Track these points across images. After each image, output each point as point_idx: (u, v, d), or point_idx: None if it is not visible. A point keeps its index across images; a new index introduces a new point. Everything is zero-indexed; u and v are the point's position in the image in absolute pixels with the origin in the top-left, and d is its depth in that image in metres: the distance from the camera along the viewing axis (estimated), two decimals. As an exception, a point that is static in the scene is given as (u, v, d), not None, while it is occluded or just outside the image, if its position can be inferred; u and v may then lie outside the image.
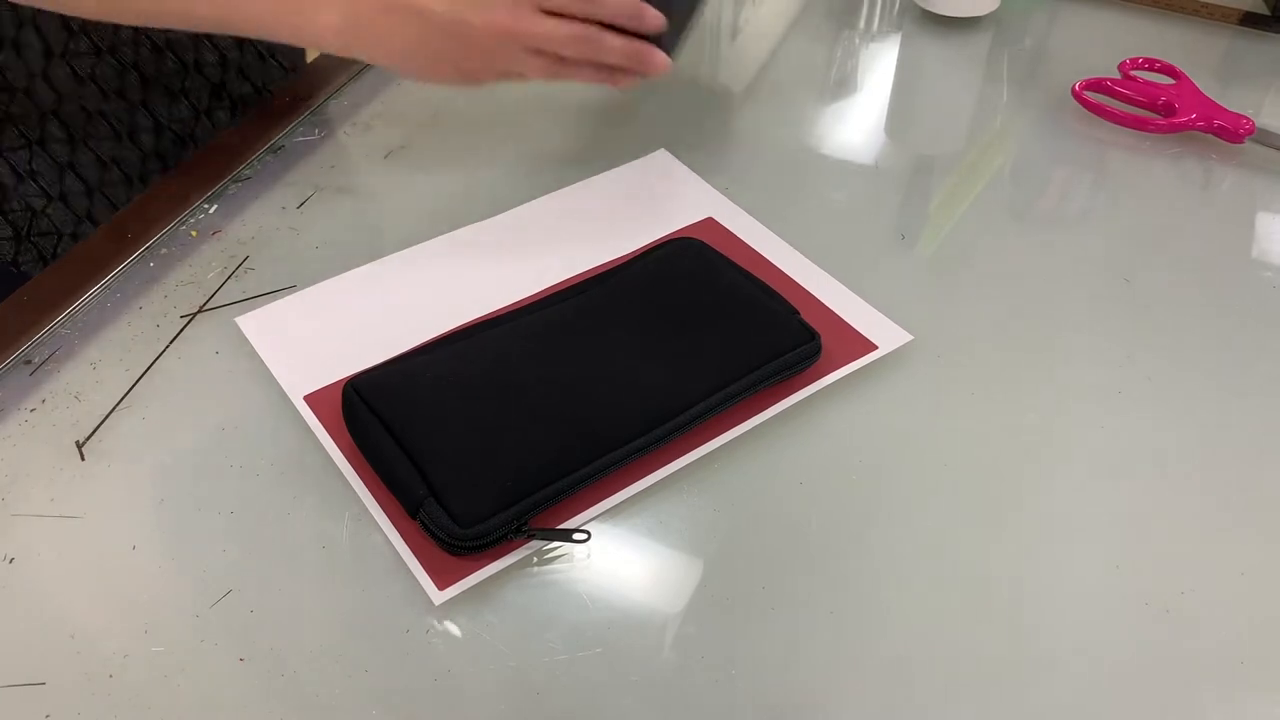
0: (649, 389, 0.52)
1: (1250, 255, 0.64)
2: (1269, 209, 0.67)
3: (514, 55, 0.58)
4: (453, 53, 0.58)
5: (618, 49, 0.59)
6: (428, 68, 0.59)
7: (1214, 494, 0.51)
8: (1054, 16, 0.86)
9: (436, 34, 0.57)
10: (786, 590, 0.47)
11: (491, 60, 0.58)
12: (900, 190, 0.69)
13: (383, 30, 0.57)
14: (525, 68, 0.59)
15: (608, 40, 0.59)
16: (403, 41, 0.57)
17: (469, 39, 0.57)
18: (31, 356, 0.57)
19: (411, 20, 0.56)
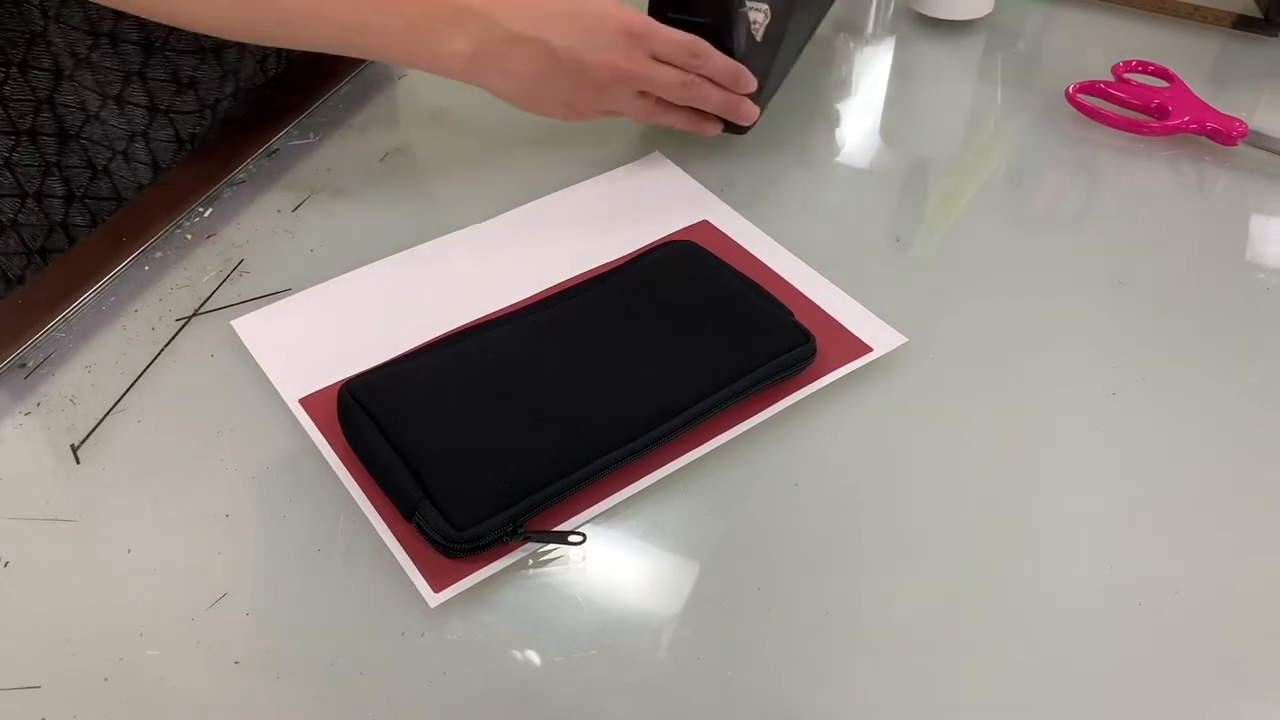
0: (644, 391, 0.52)
1: (1244, 257, 0.64)
2: (1262, 211, 0.67)
3: (622, 95, 0.63)
4: (567, 88, 0.62)
5: (716, 100, 0.64)
6: (543, 101, 0.63)
7: (1209, 495, 0.51)
8: (1048, 19, 0.86)
9: (556, 69, 0.60)
10: (782, 592, 0.47)
11: (600, 98, 0.63)
12: (895, 193, 0.69)
13: (508, 62, 0.60)
14: (628, 107, 0.64)
15: (709, 91, 0.64)
16: (525, 74, 0.61)
17: (585, 76, 0.61)
18: (26, 360, 0.57)
19: (536, 54, 0.60)
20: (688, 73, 0.63)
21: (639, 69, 0.62)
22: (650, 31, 0.62)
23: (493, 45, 0.59)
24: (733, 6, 0.65)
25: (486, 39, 0.59)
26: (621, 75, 0.61)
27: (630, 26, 0.61)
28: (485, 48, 0.59)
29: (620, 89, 0.62)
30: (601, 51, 0.61)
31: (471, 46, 0.59)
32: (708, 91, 0.64)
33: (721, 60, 0.64)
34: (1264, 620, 0.46)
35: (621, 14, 0.61)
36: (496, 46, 0.59)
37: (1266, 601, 0.47)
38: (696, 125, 0.67)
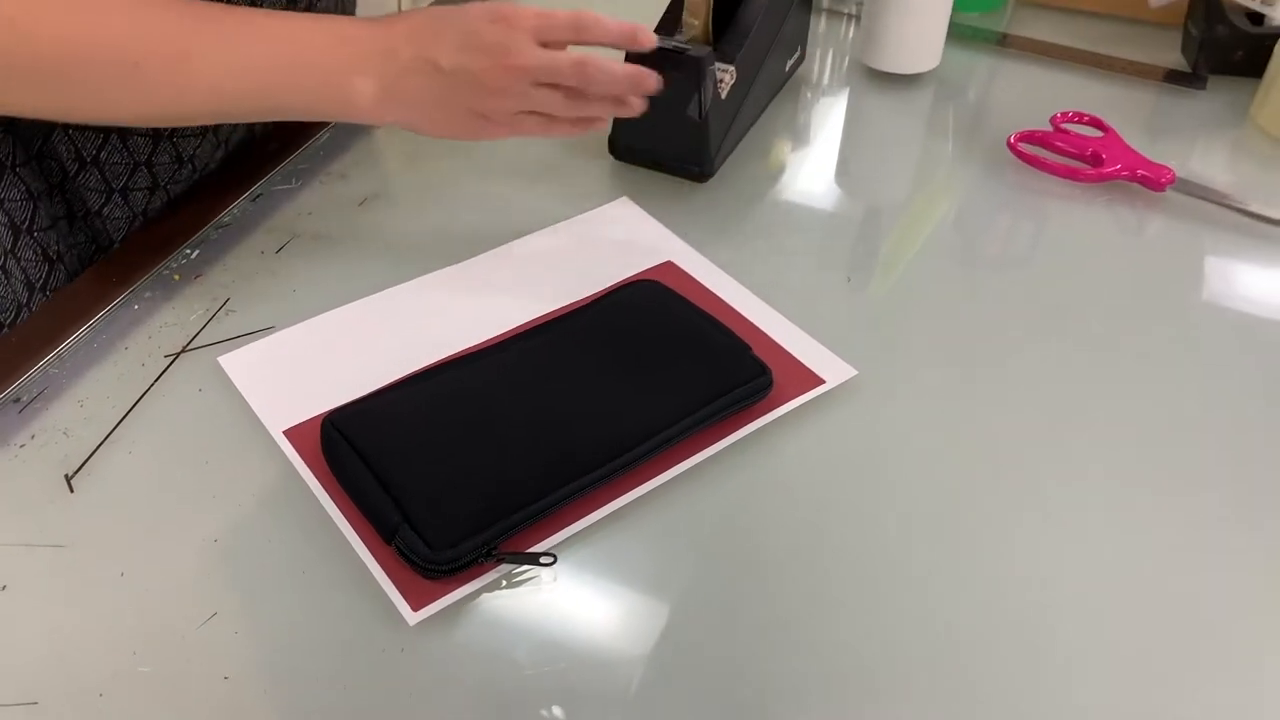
0: (611, 421, 0.55)
1: (1174, 295, 0.68)
2: (1190, 252, 0.72)
3: (522, 91, 0.61)
4: (467, 100, 0.61)
5: (618, 72, 0.62)
6: (450, 120, 0.62)
7: (1146, 515, 0.55)
8: (991, 73, 0.91)
9: (449, 85, 0.60)
10: (744, 607, 0.50)
11: (503, 99, 0.61)
12: (850, 236, 0.74)
13: (408, 91, 0.61)
14: (535, 102, 0.62)
15: (609, 67, 0.62)
16: (424, 97, 0.61)
17: (478, 83, 0.60)
18: (20, 395, 0.59)
19: (428, 76, 0.60)
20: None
21: (527, 59, 0.60)
22: (524, 13, 0.61)
23: (392, 79, 0.60)
24: (703, 67, 0.69)
25: (386, 74, 0.60)
26: (512, 70, 0.60)
27: (502, 14, 0.61)
28: (386, 83, 0.60)
29: (517, 84, 0.61)
30: (485, 54, 0.60)
31: (375, 86, 0.60)
32: (610, 65, 0.62)
33: (612, 24, 0.62)
34: (1209, 645, 0.50)
35: (492, 8, 0.61)
36: (395, 79, 0.60)
37: (1218, 628, 0.50)
38: (613, 107, 0.65)
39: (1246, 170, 0.79)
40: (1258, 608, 0.50)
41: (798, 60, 0.88)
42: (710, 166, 0.75)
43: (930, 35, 0.86)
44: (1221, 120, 0.85)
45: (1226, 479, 0.56)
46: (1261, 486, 0.56)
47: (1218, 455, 0.58)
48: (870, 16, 0.86)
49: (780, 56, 0.83)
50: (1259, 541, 0.53)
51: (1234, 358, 0.64)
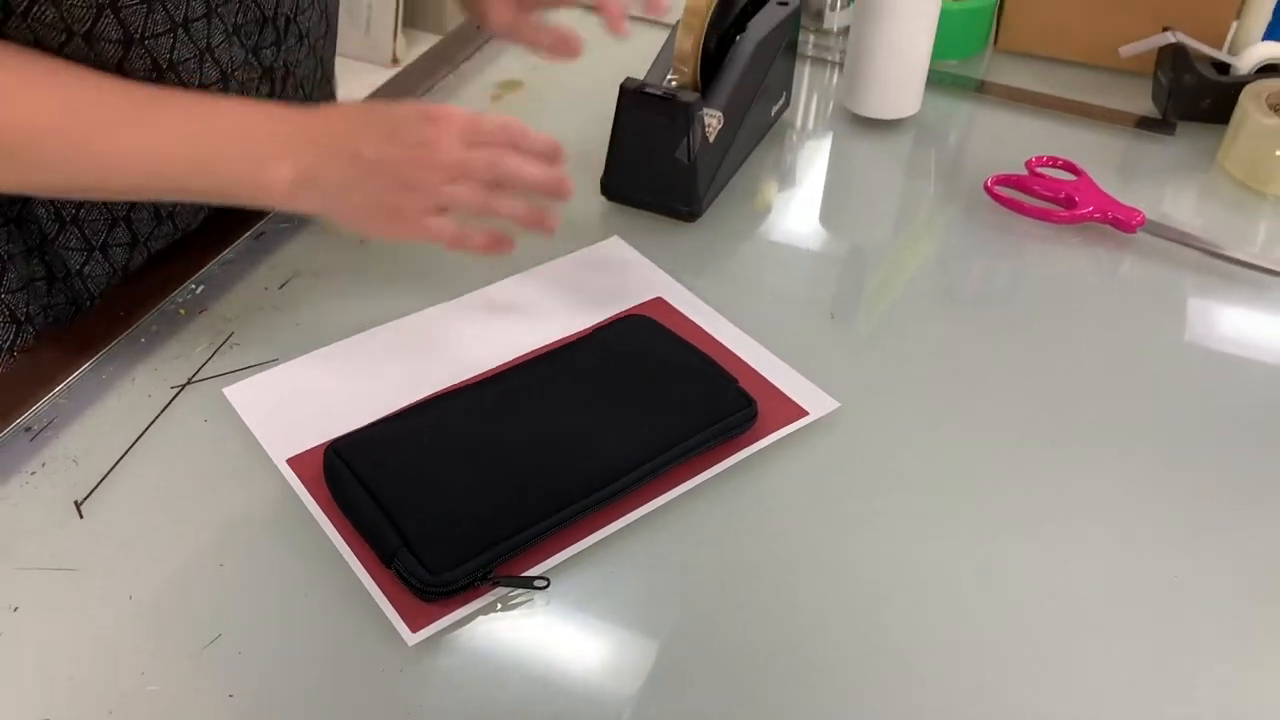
0: (603, 449, 0.57)
1: (1145, 331, 0.71)
2: (1160, 292, 0.75)
3: (437, 186, 0.60)
4: (383, 192, 0.60)
5: (536, 175, 0.62)
6: (364, 211, 0.61)
7: (1117, 536, 0.57)
8: (970, 119, 0.95)
9: (367, 174, 0.60)
10: (729, 628, 0.52)
11: (418, 193, 0.60)
12: (833, 274, 0.76)
13: (325, 178, 0.60)
14: (449, 199, 0.61)
15: (526, 167, 0.61)
16: (340, 185, 0.60)
17: (397, 174, 0.60)
18: (31, 424, 0.61)
19: (347, 164, 0.60)
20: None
21: (445, 154, 0.60)
22: (454, 113, 0.61)
23: (311, 164, 0.60)
24: (691, 112, 0.73)
25: (303, 159, 0.60)
26: (431, 164, 0.60)
27: (431, 112, 0.61)
28: (302, 168, 0.60)
29: (435, 179, 0.60)
30: (407, 144, 0.60)
31: (291, 170, 0.60)
32: (526, 167, 0.61)
33: (539, 137, 0.62)
34: (1181, 684, 0.52)
35: (423, 106, 0.62)
36: (312, 164, 0.60)
37: (1182, 662, 0.53)
38: (526, 218, 0.63)
39: (1214, 213, 0.83)
40: (1232, 636, 0.53)
41: (783, 105, 0.91)
42: (699, 207, 0.78)
43: (911, 82, 0.89)
44: (1190, 165, 0.88)
45: (1197, 510, 0.59)
46: (1230, 518, 0.59)
47: (1190, 488, 0.60)
48: (853, 64, 0.89)
49: (766, 102, 0.87)
50: (1231, 569, 0.56)
51: (1205, 393, 0.66)
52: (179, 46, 0.65)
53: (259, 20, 0.70)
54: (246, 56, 0.71)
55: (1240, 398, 0.66)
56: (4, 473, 0.58)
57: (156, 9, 0.62)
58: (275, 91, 0.75)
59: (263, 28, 0.71)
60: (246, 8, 0.69)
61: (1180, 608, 0.54)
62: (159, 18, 0.63)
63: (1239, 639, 0.53)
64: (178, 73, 0.66)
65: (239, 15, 0.68)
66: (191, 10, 0.64)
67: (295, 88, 0.78)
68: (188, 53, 0.65)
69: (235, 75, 0.70)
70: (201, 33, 0.66)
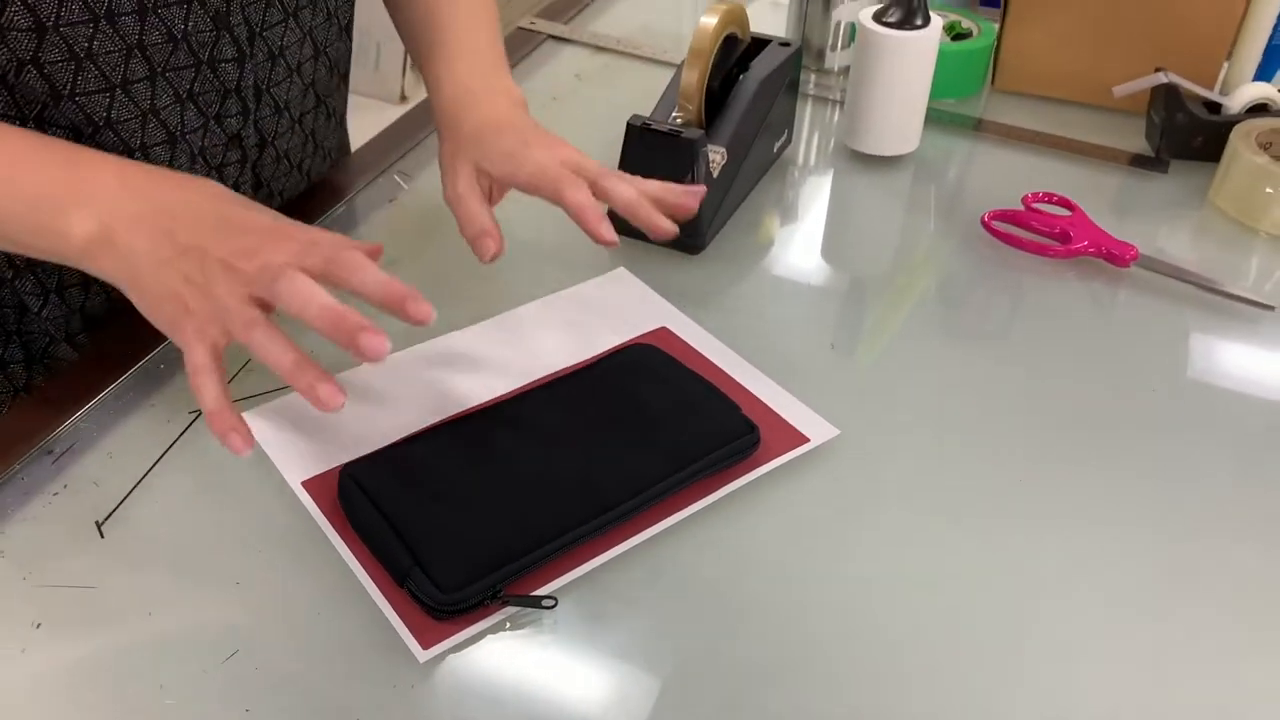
0: (609, 473, 0.59)
1: (1139, 365, 0.73)
2: (1153, 325, 0.77)
3: (235, 292, 0.54)
4: (180, 283, 0.54)
5: (319, 305, 0.53)
6: (154, 297, 0.55)
7: (1114, 575, 0.58)
8: (968, 155, 0.97)
9: (173, 257, 0.54)
10: (733, 649, 0.53)
11: (215, 295, 0.54)
12: (835, 306, 0.78)
13: (127, 244, 0.55)
14: (234, 319, 0.54)
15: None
16: (141, 254, 0.55)
17: (200, 268, 0.54)
18: (53, 447, 0.63)
19: (159, 238, 0.55)
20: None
21: (266, 255, 0.53)
22: (291, 231, 0.56)
23: (115, 222, 0.55)
24: (696, 149, 0.75)
25: (109, 216, 0.55)
26: (241, 268, 0.53)
27: (270, 224, 0.57)
28: (107, 226, 0.55)
29: (237, 280, 0.54)
30: (228, 237, 0.55)
31: (93, 225, 0.55)
32: (309, 288, 0.54)
33: (373, 277, 0.55)
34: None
35: (275, 221, 0.57)
36: (121, 227, 0.55)
37: (1192, 698, 0.54)
38: (306, 382, 0.54)
39: (1206, 248, 0.85)
40: (1232, 668, 0.54)
41: (785, 142, 0.94)
42: (702, 240, 0.80)
43: (910, 120, 0.92)
44: (1183, 201, 0.90)
45: (1191, 538, 0.60)
46: (1224, 548, 0.60)
47: (1185, 517, 0.62)
48: (853, 102, 0.92)
49: (768, 139, 0.89)
50: (1225, 595, 0.57)
51: (1199, 423, 0.68)
52: (116, 106, 0.65)
53: (220, 91, 0.71)
54: (207, 123, 0.71)
55: (1234, 428, 0.68)
56: (27, 494, 0.60)
57: (86, 67, 0.62)
58: (248, 159, 0.76)
59: (225, 98, 0.71)
60: (204, 78, 0.69)
61: (1176, 634, 0.55)
62: (90, 76, 0.63)
63: (1233, 662, 0.54)
64: (116, 131, 0.66)
65: (194, 84, 0.69)
66: (131, 72, 0.64)
67: (277, 158, 0.79)
68: (128, 113, 0.66)
69: (188, 139, 0.70)
70: (144, 94, 0.66)
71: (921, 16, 0.87)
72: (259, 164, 0.77)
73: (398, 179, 0.90)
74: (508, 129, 0.69)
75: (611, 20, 1.20)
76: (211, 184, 0.59)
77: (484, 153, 0.67)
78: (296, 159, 0.81)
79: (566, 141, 0.69)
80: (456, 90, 0.72)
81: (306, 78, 0.78)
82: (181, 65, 0.67)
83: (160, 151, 0.69)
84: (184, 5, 0.66)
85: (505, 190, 0.72)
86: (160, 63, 0.66)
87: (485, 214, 0.66)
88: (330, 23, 0.80)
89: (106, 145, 0.66)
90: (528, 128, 0.70)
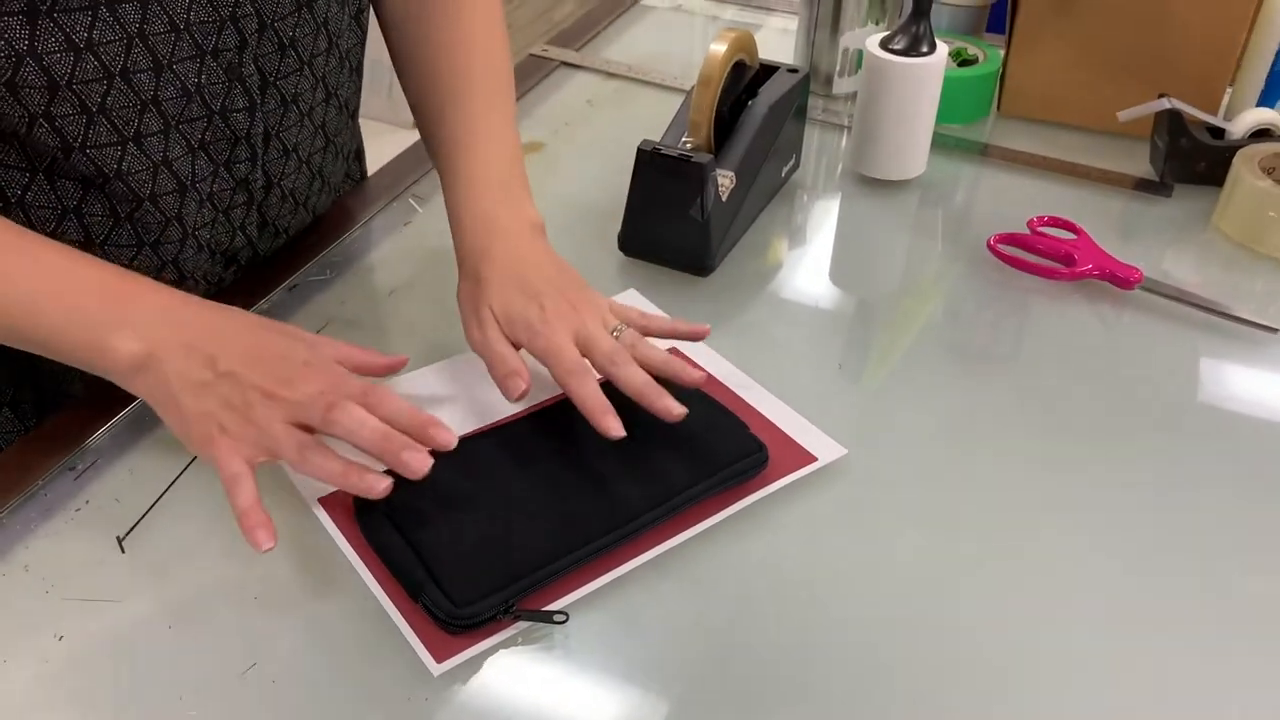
0: (619, 492, 0.60)
1: (1145, 385, 0.74)
2: (1157, 347, 0.78)
3: (276, 418, 0.57)
4: (219, 408, 0.57)
5: (371, 426, 0.57)
6: (192, 418, 0.57)
7: (1126, 590, 0.59)
8: (974, 180, 0.98)
9: (213, 383, 0.57)
10: (740, 659, 0.54)
11: (254, 419, 0.57)
12: (842, 328, 0.80)
13: (169, 367, 0.57)
14: (279, 441, 0.57)
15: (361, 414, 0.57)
16: (182, 379, 0.57)
17: (240, 394, 0.57)
18: (76, 464, 0.65)
19: (199, 363, 0.58)
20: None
21: (302, 393, 0.57)
22: (325, 366, 0.60)
23: (159, 344, 0.58)
24: (705, 173, 0.76)
25: (154, 338, 0.58)
26: (279, 396, 0.57)
27: (307, 358, 0.59)
28: (151, 347, 0.57)
29: (275, 415, 0.57)
30: (269, 372, 0.58)
31: (138, 346, 0.57)
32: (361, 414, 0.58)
33: (403, 407, 0.59)
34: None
35: (304, 348, 0.60)
36: (162, 346, 0.58)
37: (1196, 691, 0.54)
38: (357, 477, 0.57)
39: (1210, 271, 0.86)
40: (1240, 685, 0.55)
41: (793, 166, 0.95)
42: (712, 262, 0.82)
43: (917, 145, 0.93)
44: (1187, 225, 0.91)
45: (1197, 558, 0.61)
46: (1231, 568, 0.61)
47: (1190, 538, 0.62)
48: (860, 127, 0.93)
49: (777, 163, 0.90)
50: (1232, 616, 0.58)
51: (1204, 445, 0.69)
52: (128, 158, 0.66)
53: (230, 139, 0.71)
54: (216, 170, 0.72)
55: (1239, 450, 0.68)
56: (51, 509, 0.61)
57: (99, 121, 0.63)
58: (254, 200, 0.77)
59: (235, 145, 0.72)
60: (215, 127, 0.70)
61: (1185, 656, 0.56)
62: (102, 130, 0.64)
63: (1243, 687, 0.54)
64: (126, 181, 0.67)
65: (205, 133, 0.69)
66: (145, 126, 0.65)
67: (283, 198, 0.80)
68: (139, 165, 0.67)
69: (197, 187, 0.71)
70: (156, 147, 0.67)
71: (927, 44, 0.88)
72: (264, 204, 0.79)
73: (412, 203, 0.92)
74: (528, 288, 0.67)
75: (622, 47, 1.22)
76: (248, 314, 0.63)
77: (504, 312, 0.66)
78: (302, 197, 0.82)
79: (586, 298, 0.67)
80: (475, 223, 0.70)
81: (318, 120, 0.80)
82: (194, 117, 0.69)
83: (170, 200, 0.70)
84: (197, 60, 0.66)
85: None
86: (174, 116, 0.67)
87: (513, 358, 0.65)
88: (343, 66, 0.81)
89: (116, 195, 0.67)
90: (546, 289, 0.67)
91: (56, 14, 0.58)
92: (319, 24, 0.75)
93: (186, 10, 0.64)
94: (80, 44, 0.60)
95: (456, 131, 0.75)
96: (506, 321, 0.66)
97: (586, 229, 0.87)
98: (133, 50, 0.63)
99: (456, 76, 0.77)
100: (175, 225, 0.72)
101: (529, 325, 0.65)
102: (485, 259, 0.69)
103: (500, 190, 0.73)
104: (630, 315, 0.69)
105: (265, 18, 0.69)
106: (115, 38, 0.61)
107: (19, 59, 0.59)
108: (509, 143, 0.76)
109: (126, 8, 0.61)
